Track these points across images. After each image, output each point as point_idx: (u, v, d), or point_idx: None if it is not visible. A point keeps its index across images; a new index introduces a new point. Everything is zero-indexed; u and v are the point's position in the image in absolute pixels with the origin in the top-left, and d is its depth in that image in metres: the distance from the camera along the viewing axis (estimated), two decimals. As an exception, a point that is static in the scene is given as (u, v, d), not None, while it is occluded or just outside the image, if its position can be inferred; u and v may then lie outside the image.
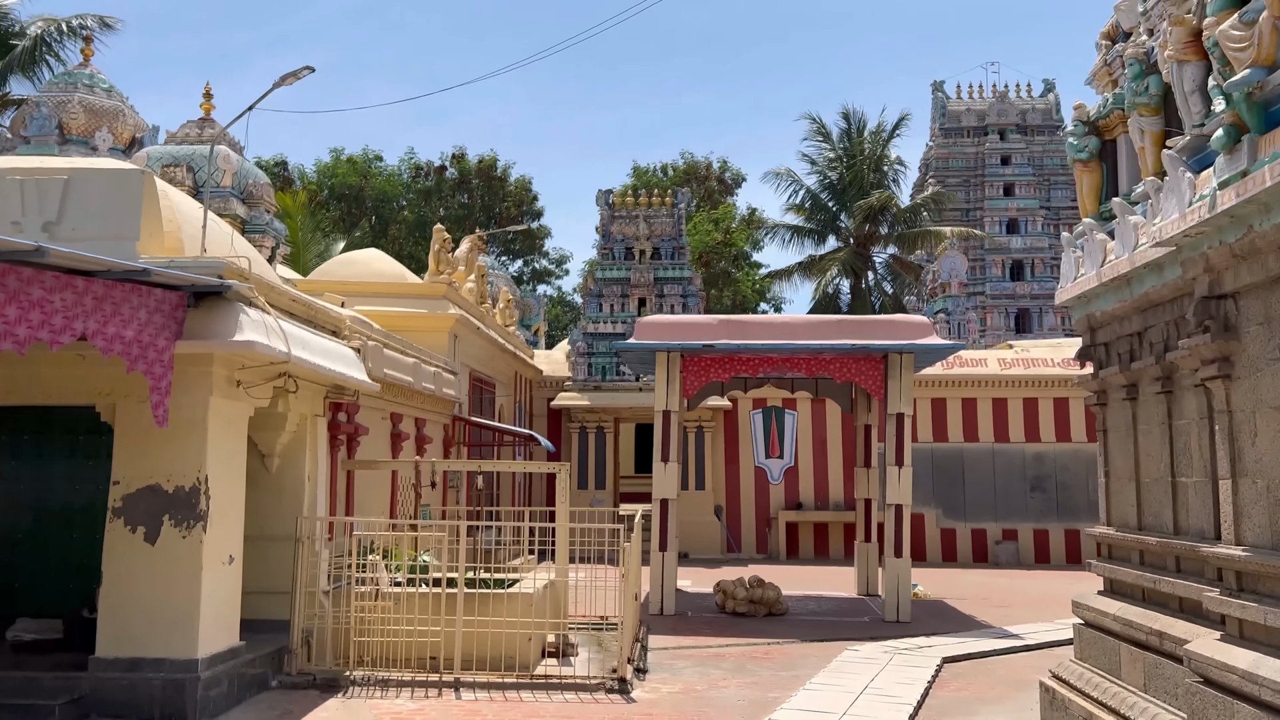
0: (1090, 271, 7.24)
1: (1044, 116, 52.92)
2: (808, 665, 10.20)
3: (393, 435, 12.58)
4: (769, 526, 22.27)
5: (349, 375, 9.57)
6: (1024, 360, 22.56)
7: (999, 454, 22.00)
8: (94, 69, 19.82)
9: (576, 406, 22.04)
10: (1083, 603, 7.47)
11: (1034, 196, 50.01)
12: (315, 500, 9.88)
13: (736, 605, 13.60)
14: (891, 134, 35.45)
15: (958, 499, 21.91)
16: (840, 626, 12.77)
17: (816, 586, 16.89)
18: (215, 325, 7.44)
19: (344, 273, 16.37)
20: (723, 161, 42.41)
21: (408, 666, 9.12)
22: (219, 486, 7.93)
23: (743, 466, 22.42)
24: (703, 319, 14.01)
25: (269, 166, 38.62)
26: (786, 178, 35.52)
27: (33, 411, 9.31)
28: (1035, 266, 49.24)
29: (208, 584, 7.73)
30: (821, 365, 14.02)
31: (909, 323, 13.68)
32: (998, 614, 14.02)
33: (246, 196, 13.33)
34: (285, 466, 9.77)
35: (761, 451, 23.46)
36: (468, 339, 16.43)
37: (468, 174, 38.61)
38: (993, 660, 10.79)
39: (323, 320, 9.95)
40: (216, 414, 7.89)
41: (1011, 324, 47.63)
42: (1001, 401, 22.20)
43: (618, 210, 23.52)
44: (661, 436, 13.84)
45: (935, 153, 51.47)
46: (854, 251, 35.14)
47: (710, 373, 14.12)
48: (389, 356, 11.54)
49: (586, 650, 10.54)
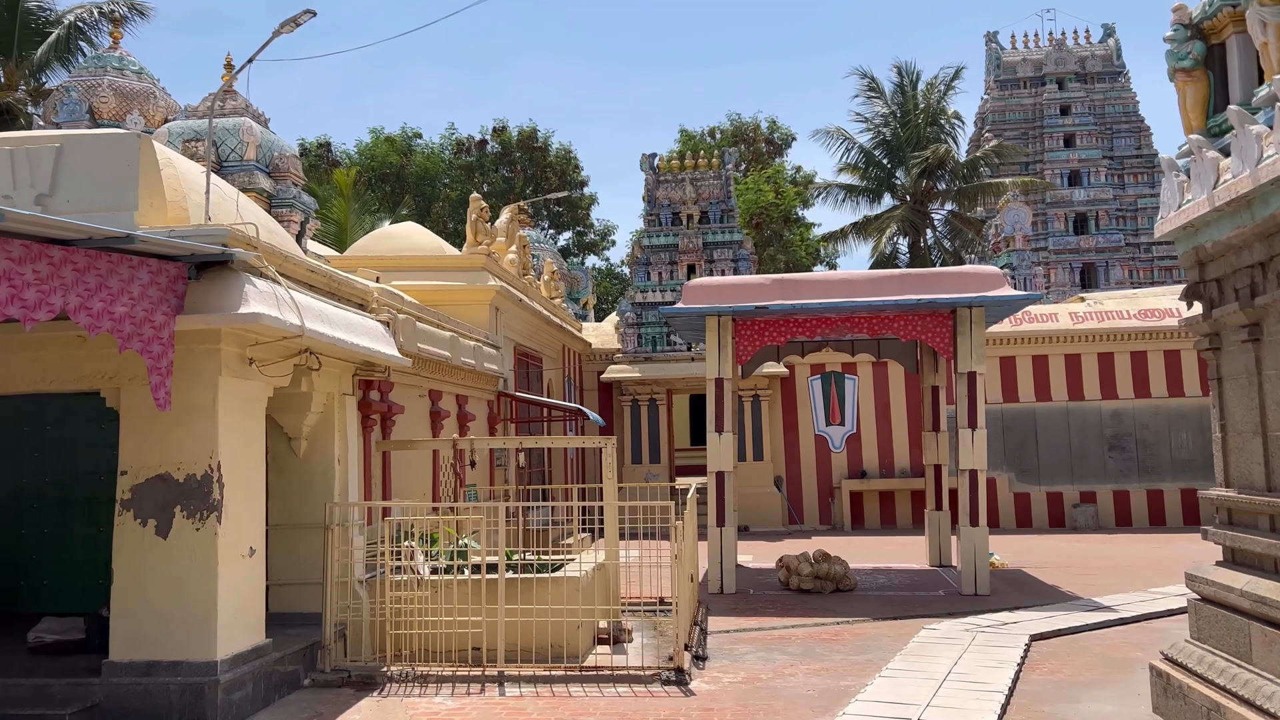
0: (1199, 195, 6.26)
1: (1104, 63, 50.77)
2: (882, 647, 9.39)
3: (432, 414, 11.95)
4: (832, 497, 21.39)
5: (376, 350, 8.92)
6: (1097, 313, 21.31)
7: (1074, 413, 20.85)
8: (124, 51, 19.43)
9: (627, 379, 21.31)
10: (1199, 575, 6.55)
11: (1096, 146, 48.00)
12: (346, 484, 9.28)
13: (801, 582, 12.81)
14: (948, 87, 33.94)
15: (1031, 461, 20.82)
16: (914, 602, 11.92)
17: (885, 559, 16.03)
18: (218, 298, 6.80)
19: (381, 248, 15.78)
20: (771, 121, 41.09)
21: (449, 660, 8.51)
22: (234, 473, 7.32)
23: (802, 435, 21.55)
24: (755, 279, 13.15)
25: (313, 149, 38.34)
26: (837, 136, 34.23)
27: (58, 400, 8.85)
28: (1100, 219, 47.35)
29: (225, 579, 7.14)
30: (884, 324, 13.10)
31: (979, 274, 12.68)
32: (1082, 583, 13.05)
33: (273, 170, 12.75)
34: (313, 450, 9.18)
35: (822, 419, 22.54)
36: (510, 312, 15.76)
37: (509, 147, 37.83)
38: (1085, 636, 9.88)
39: (346, 293, 9.31)
40: (228, 395, 7.27)
41: (1076, 279, 45.85)
42: (1075, 358, 21.01)
43: (662, 174, 22.62)
44: (715, 406, 13.04)
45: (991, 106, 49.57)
46: (911, 208, 33.82)
47: (764, 336, 13.27)
48: (422, 330, 10.89)
49: (641, 635, 9.84)
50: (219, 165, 12.39)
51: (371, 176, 36.26)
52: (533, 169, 36.85)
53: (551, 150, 38.35)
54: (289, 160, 12.66)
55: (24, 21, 24.58)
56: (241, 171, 12.34)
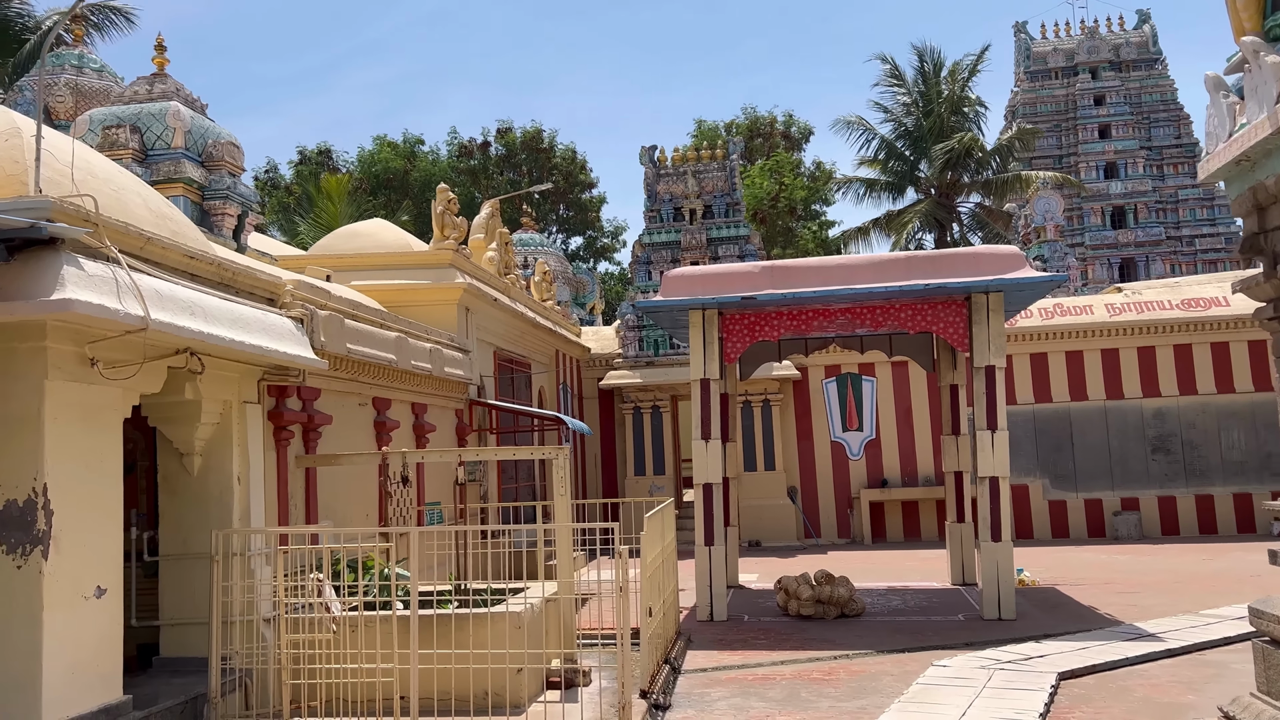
0: (1256, 115, 4.80)
1: (1139, 50, 48.86)
2: (881, 689, 7.92)
3: (376, 424, 10.65)
4: (850, 508, 19.86)
5: (276, 350, 7.61)
6: (1136, 304, 19.63)
7: (1112, 412, 19.18)
8: (85, 49, 18.50)
9: (628, 385, 19.93)
10: (1268, 612, 5.06)
11: (1133, 137, 46.07)
12: (247, 507, 7.98)
13: (801, 606, 11.35)
14: (971, 71, 32.21)
15: (1066, 466, 19.17)
16: (927, 629, 10.42)
17: (903, 576, 14.51)
18: (29, 283, 5.53)
19: (343, 246, 14.56)
20: (788, 115, 39.46)
21: (361, 713, 7.18)
22: (73, 498, 6.04)
23: (818, 442, 20.05)
24: (742, 267, 11.74)
25: (314, 156, 37.44)
26: (858, 126, 32.62)
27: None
28: (1139, 212, 45.39)
29: (57, 626, 5.84)
30: (890, 314, 11.63)
31: (995, 254, 11.18)
32: (1124, 603, 11.48)
33: (205, 159, 11.53)
34: (209, 467, 7.89)
35: (838, 424, 20.97)
36: (485, 312, 14.46)
37: (514, 149, 36.57)
38: (1126, 673, 8.33)
39: (246, 284, 8.02)
40: (60, 403, 5.99)
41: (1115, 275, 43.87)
42: (1112, 353, 19.35)
43: (663, 168, 21.26)
44: (701, 410, 11.64)
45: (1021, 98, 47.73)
46: (936, 202, 32.13)
47: (756, 331, 11.85)
48: (354, 329, 9.59)
49: (602, 677, 8.44)
50: (144, 152, 11.19)
51: (374, 183, 35.25)
52: (538, 171, 35.61)
53: (557, 151, 37.08)
54: (224, 148, 11.44)
55: (3, 28, 23.78)
56: (168, 160, 11.15)
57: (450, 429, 12.99)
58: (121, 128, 11.15)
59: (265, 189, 37.00)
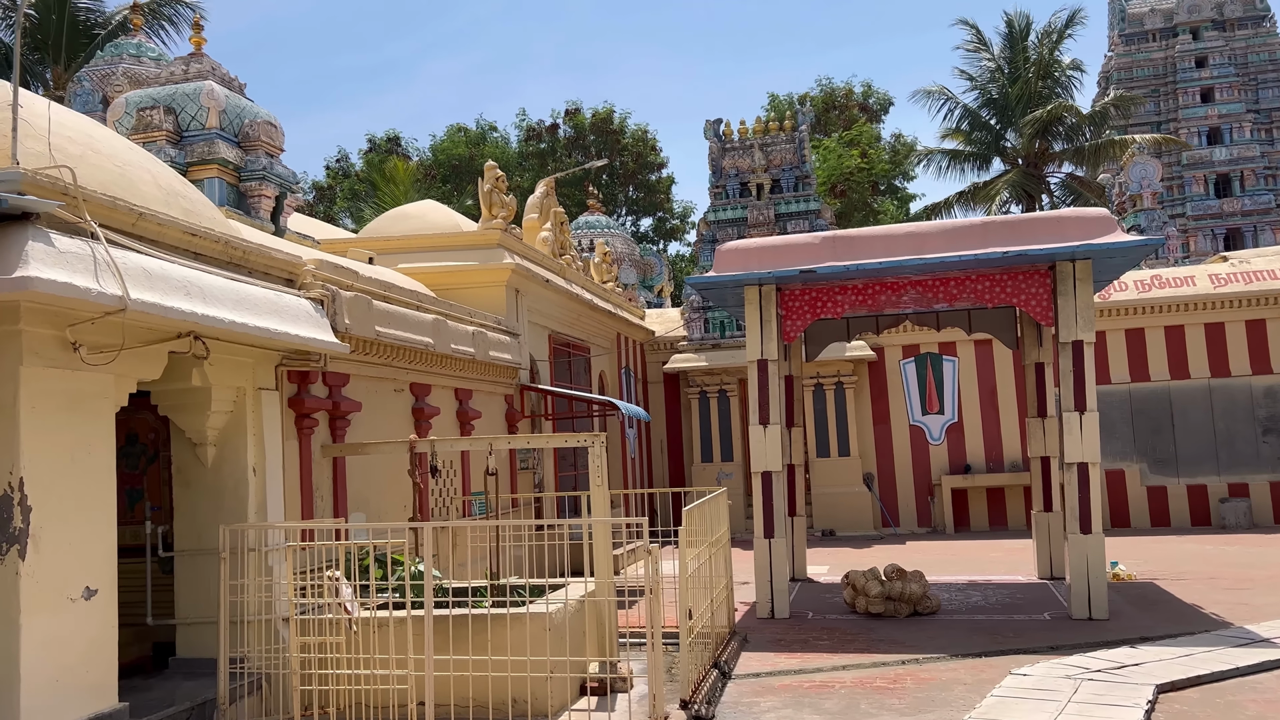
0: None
1: (1245, 7, 46.02)
2: (951, 702, 7.11)
3: (414, 411, 10.16)
4: (931, 495, 18.83)
5: (288, 333, 7.12)
6: (1244, 274, 18.14)
7: (1218, 391, 17.76)
8: (142, 38, 18.46)
9: (693, 369, 19.20)
10: None
11: (1238, 100, 43.41)
12: (264, 500, 7.54)
13: (870, 604, 10.53)
14: (1061, 35, 30.49)
15: (1167, 449, 17.84)
16: (1009, 630, 9.52)
17: (986, 569, 13.55)
18: (-7, 261, 5.09)
19: (392, 229, 14.14)
20: (866, 85, 37.89)
21: (381, 719, 6.68)
22: (54, 493, 5.61)
23: (895, 426, 19.05)
24: (801, 238, 10.91)
25: (382, 144, 37.45)
26: (940, 96, 31.17)
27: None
28: (1245, 179, 42.82)
29: (37, 631, 5.43)
30: (965, 287, 10.69)
31: (1081, 217, 10.14)
32: (1231, 602, 10.40)
33: (242, 139, 11.17)
34: (223, 458, 7.48)
35: (917, 407, 19.80)
36: (537, 294, 13.90)
37: (582, 130, 35.96)
38: (1236, 685, 7.36)
39: (259, 264, 7.55)
40: (38, 390, 5.56)
41: (1220, 246, 41.46)
42: (1217, 327, 17.93)
43: (729, 142, 20.42)
44: (760, 394, 10.88)
45: (1116, 63, 45.31)
46: (1024, 172, 30.53)
47: (817, 308, 11.03)
48: (383, 311, 9.08)
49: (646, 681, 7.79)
50: (178, 134, 10.87)
51: (444, 171, 35.01)
52: (608, 153, 34.91)
53: (628, 132, 36.31)
54: (261, 128, 11.07)
55: (72, 24, 24.11)
56: (201, 140, 10.82)
57: (499, 416, 12.47)
58: (155, 109, 10.86)
59: (336, 178, 37.16)
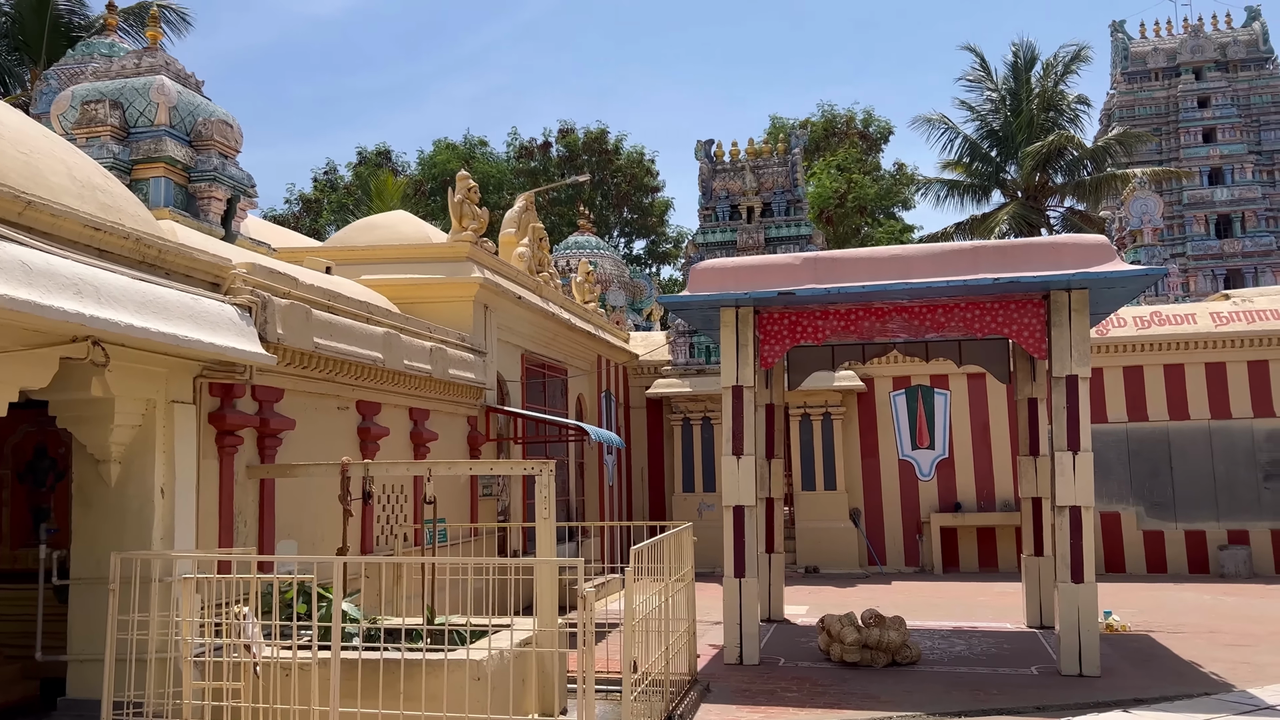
0: None
1: (1248, 49, 45.78)
2: (923, 770, 6.39)
3: (360, 431, 9.48)
4: (919, 533, 18.11)
5: (202, 341, 6.46)
6: (1247, 313, 17.52)
7: (1218, 433, 17.10)
8: (116, 37, 17.90)
9: (676, 395, 18.53)
10: None
11: (1240, 141, 43.02)
12: (172, 524, 6.85)
13: (845, 652, 9.80)
14: (1066, 68, 30.05)
15: (1165, 493, 17.15)
16: (991, 685, 8.80)
17: (973, 614, 12.83)
18: None
19: (359, 239, 13.52)
20: (867, 112, 37.41)
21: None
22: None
23: (884, 460, 18.39)
24: (780, 258, 10.28)
25: (372, 157, 37.01)
26: (939, 124, 30.70)
27: None
28: (1246, 220, 42.38)
29: None
30: (953, 315, 10.04)
31: (1077, 244, 9.51)
32: (1233, 659, 9.68)
33: (194, 137, 10.56)
34: (129, 476, 6.80)
35: (907, 441, 19.27)
36: (509, 311, 13.25)
37: (575, 150, 35.48)
38: (1238, 760, 6.66)
39: (178, 265, 6.91)
40: (-114, 397, 4.91)
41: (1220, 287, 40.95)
42: (1219, 367, 17.29)
43: (720, 163, 19.86)
44: (733, 422, 10.20)
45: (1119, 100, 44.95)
46: (1024, 204, 30.01)
47: (796, 332, 10.37)
48: (324, 322, 8.43)
49: (594, 735, 7.06)
50: (125, 129, 10.26)
51: (433, 185, 34.51)
52: (601, 173, 34.43)
53: (623, 153, 35.82)
54: (215, 127, 10.46)
55: (54, 25, 23.64)
56: (149, 137, 10.20)
57: (460, 438, 11.79)
58: (101, 103, 10.24)
59: (324, 190, 36.65)
